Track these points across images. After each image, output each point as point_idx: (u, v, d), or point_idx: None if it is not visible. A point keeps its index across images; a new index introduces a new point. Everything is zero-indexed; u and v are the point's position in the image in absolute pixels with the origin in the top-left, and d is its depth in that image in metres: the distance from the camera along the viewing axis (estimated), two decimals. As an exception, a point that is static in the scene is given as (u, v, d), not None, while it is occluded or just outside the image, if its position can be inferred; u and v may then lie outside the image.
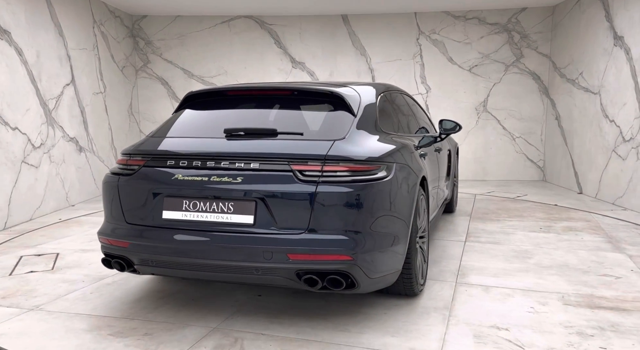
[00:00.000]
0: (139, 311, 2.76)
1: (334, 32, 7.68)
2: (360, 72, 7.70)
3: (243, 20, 7.70)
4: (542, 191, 6.60)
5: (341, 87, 2.86)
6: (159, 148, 2.62)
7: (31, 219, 5.10)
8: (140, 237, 2.47)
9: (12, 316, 2.75)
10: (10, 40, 4.81)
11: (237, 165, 2.37)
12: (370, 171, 2.35)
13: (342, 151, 2.35)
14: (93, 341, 2.41)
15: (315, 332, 2.45)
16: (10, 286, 3.23)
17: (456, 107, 7.62)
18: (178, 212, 2.42)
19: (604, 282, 3.12)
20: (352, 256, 2.25)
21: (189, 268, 2.45)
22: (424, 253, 3.02)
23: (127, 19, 7.50)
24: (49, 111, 5.44)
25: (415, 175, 2.73)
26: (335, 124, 2.58)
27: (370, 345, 2.32)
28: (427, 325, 2.53)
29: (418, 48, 7.60)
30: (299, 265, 2.25)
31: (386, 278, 2.50)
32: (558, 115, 7.11)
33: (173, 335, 2.45)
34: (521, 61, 7.43)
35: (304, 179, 2.27)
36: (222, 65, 7.79)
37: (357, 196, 2.27)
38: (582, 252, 3.73)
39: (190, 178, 2.41)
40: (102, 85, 6.68)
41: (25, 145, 5.02)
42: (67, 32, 5.83)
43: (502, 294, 2.93)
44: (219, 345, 2.33)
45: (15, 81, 4.88)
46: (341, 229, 2.26)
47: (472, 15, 7.44)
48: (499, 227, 4.56)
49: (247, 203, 2.32)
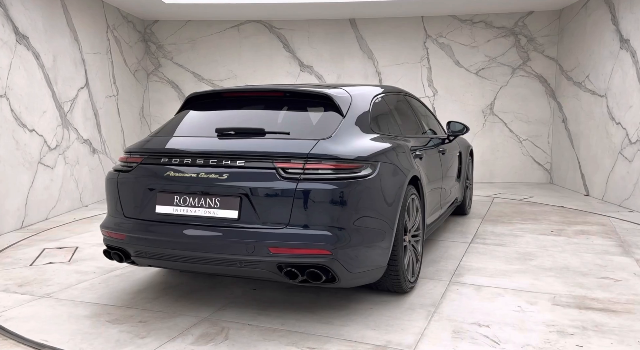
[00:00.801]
0: (139, 301, 2.93)
1: (342, 35, 7.78)
2: (368, 75, 7.79)
3: (252, 24, 7.83)
4: (548, 193, 6.63)
5: (334, 88, 2.95)
6: (155, 146, 2.78)
7: (47, 219, 5.24)
8: (136, 230, 2.62)
9: (25, 302, 2.97)
10: (28, 45, 4.96)
11: (224, 162, 2.49)
12: (352, 169, 2.44)
13: (325, 150, 2.45)
14: (91, 326, 2.59)
15: (299, 324, 2.55)
16: (29, 275, 3.46)
17: (463, 110, 7.68)
18: (170, 207, 2.55)
19: (601, 284, 3.10)
20: (330, 251, 2.33)
21: (179, 260, 2.58)
22: (417, 252, 3.06)
23: (139, 23, 7.66)
24: (64, 114, 5.59)
25: (403, 175, 2.77)
26: (322, 123, 2.69)
27: (349, 337, 2.40)
28: (409, 320, 2.58)
29: (425, 51, 7.68)
30: (280, 258, 2.35)
31: (370, 273, 2.57)
32: (565, 118, 7.15)
33: (165, 323, 2.60)
34: (528, 64, 7.48)
35: (286, 176, 2.38)
36: (231, 69, 7.92)
37: (338, 193, 2.36)
38: (587, 255, 3.71)
39: (180, 174, 2.55)
40: (115, 89, 6.83)
41: (42, 147, 5.16)
42: (82, 37, 5.99)
43: (492, 294, 2.95)
44: (205, 334, 2.45)
45: (32, 84, 5.03)
46: (321, 225, 2.35)
47: (478, 19, 7.51)
48: (509, 230, 4.54)
49: (232, 199, 2.44)
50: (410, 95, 4.11)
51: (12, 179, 4.70)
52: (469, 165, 5.24)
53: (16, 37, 4.77)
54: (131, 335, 2.47)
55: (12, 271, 3.56)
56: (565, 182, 7.12)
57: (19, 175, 4.81)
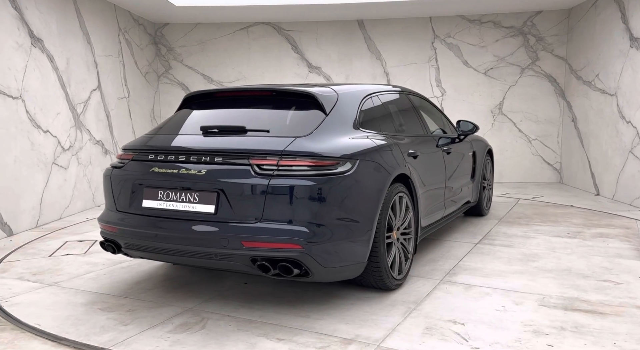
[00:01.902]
0: (135, 291, 3.07)
1: (350, 36, 7.82)
2: (376, 75, 7.82)
3: (261, 26, 7.90)
4: (558, 193, 6.61)
5: (323, 87, 3.02)
6: (144, 143, 2.93)
7: (60, 218, 5.33)
8: (125, 223, 2.77)
9: (32, 289, 3.18)
10: (43, 48, 5.07)
11: (203, 159, 2.60)
12: (327, 166, 2.49)
13: (300, 147, 2.52)
14: (83, 313, 2.76)
15: (277, 316, 2.61)
16: (44, 265, 3.69)
17: (472, 110, 7.67)
18: (155, 201, 2.69)
19: (599, 287, 3.02)
20: (301, 245, 2.39)
21: (163, 253, 2.72)
22: (407, 250, 3.08)
23: (150, 26, 7.76)
24: (77, 115, 5.69)
25: (386, 173, 2.80)
26: (303, 121, 2.76)
27: (320, 330, 2.45)
28: (386, 316, 2.59)
29: (433, 52, 7.69)
30: (253, 252, 2.43)
31: (348, 269, 2.61)
32: (574, 117, 7.11)
33: (151, 312, 2.73)
34: (537, 64, 7.46)
35: (261, 172, 2.46)
36: (240, 71, 8.00)
37: (310, 189, 2.42)
38: (596, 258, 3.60)
39: (164, 170, 2.68)
40: (127, 91, 6.93)
41: (56, 148, 5.26)
42: (94, 40, 6.10)
43: (480, 293, 2.91)
44: (184, 323, 2.57)
45: (47, 87, 5.13)
46: (292, 220, 2.41)
47: (487, 19, 7.51)
48: (523, 231, 4.44)
49: (210, 194, 2.54)
50: (415, 94, 4.11)
51: (27, 179, 4.80)
52: (487, 165, 5.11)
53: (31, 40, 4.88)
54: (116, 322, 2.61)
55: (32, 261, 3.80)
56: (575, 182, 7.08)
57: (34, 175, 4.91)
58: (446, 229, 4.51)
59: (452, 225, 4.70)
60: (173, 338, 2.40)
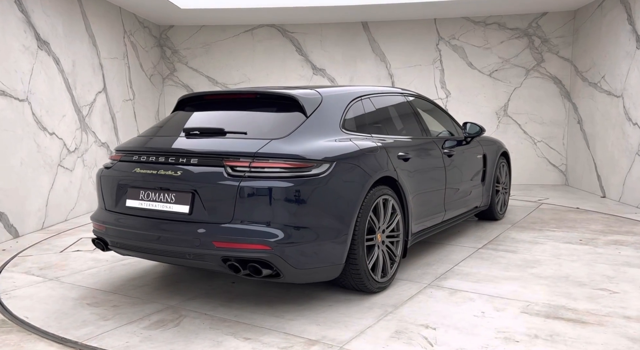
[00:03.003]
0: (126, 288, 3.14)
1: (354, 38, 7.82)
2: (380, 77, 7.82)
3: (265, 28, 7.92)
4: (564, 195, 6.57)
5: (307, 89, 3.04)
6: (131, 144, 3.01)
7: (66, 220, 5.35)
8: (111, 221, 2.86)
9: (34, 283, 3.27)
10: (49, 50, 5.10)
11: (180, 160, 2.67)
12: (300, 168, 2.51)
13: (274, 149, 2.55)
14: (71, 307, 2.83)
15: (251, 316, 2.64)
16: (53, 260, 3.81)
17: (476, 112, 7.65)
18: (136, 201, 2.77)
19: (592, 295, 2.90)
20: (270, 246, 2.41)
21: (143, 251, 2.79)
22: (393, 252, 3.05)
23: (155, 29, 7.79)
24: (82, 117, 5.72)
25: (366, 175, 2.78)
26: (282, 124, 2.79)
27: (289, 330, 2.46)
28: (359, 319, 2.58)
29: (438, 53, 7.68)
30: (223, 252, 2.47)
31: (323, 270, 2.62)
32: (580, 119, 7.08)
33: (134, 308, 2.79)
34: (542, 65, 7.43)
35: (233, 174, 2.50)
36: (245, 73, 8.01)
37: (281, 191, 2.44)
38: (601, 266, 3.45)
39: (145, 171, 2.76)
40: (132, 93, 6.96)
41: (61, 150, 5.29)
42: (100, 42, 6.13)
43: (464, 298, 2.85)
44: (161, 320, 2.62)
45: (53, 89, 5.15)
46: (262, 221, 2.45)
47: (492, 21, 7.49)
48: (533, 237, 4.29)
49: (185, 194, 2.60)
50: (419, 97, 4.07)
51: (33, 181, 4.83)
52: (502, 169, 4.99)
53: (37, 43, 4.91)
54: (98, 317, 2.69)
55: (43, 256, 3.93)
56: (581, 184, 7.04)
57: (40, 178, 4.93)
58: (451, 233, 4.47)
59: (460, 228, 4.64)
60: (145, 334, 2.45)
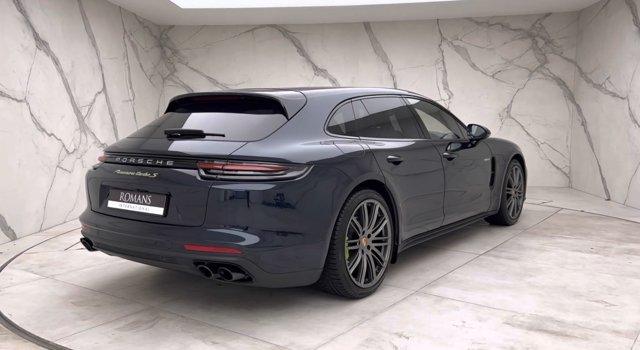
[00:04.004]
0: (114, 287, 3.15)
1: (356, 39, 7.76)
2: (382, 78, 7.75)
3: (266, 29, 7.85)
4: (568, 197, 6.51)
5: (292, 91, 3.01)
6: (116, 146, 3.03)
7: (64, 222, 5.29)
8: (95, 222, 2.88)
9: (29, 281, 3.30)
10: (48, 50, 5.03)
11: (157, 162, 2.67)
12: (274, 171, 2.48)
13: (248, 152, 2.52)
14: (56, 306, 2.85)
15: (227, 320, 2.60)
16: (55, 258, 3.84)
17: (479, 113, 7.59)
18: (117, 202, 2.79)
19: (585, 307, 2.76)
20: (241, 250, 2.39)
21: (122, 252, 2.80)
22: (381, 258, 3.01)
23: (155, 29, 7.73)
24: (81, 118, 5.65)
25: (347, 179, 2.73)
26: (261, 126, 2.76)
27: (259, 335, 2.43)
28: (333, 325, 2.53)
29: (440, 54, 7.61)
30: (194, 255, 2.45)
31: (299, 275, 2.58)
32: (584, 121, 7.01)
33: (115, 308, 2.80)
34: (545, 67, 7.36)
35: (206, 176, 2.48)
36: (245, 73, 7.95)
37: (253, 194, 2.42)
38: (604, 276, 3.28)
39: (124, 173, 2.78)
40: (132, 93, 6.89)
41: (60, 151, 5.22)
42: (100, 42, 6.06)
43: (449, 307, 2.77)
44: (137, 321, 2.62)
45: (52, 89, 5.09)
46: (233, 225, 2.42)
47: (495, 21, 7.43)
48: (541, 244, 4.11)
49: (160, 196, 2.60)
50: (419, 98, 3.99)
51: (32, 183, 4.76)
52: (516, 172, 4.84)
53: (36, 43, 4.84)
54: (78, 316, 2.69)
55: (48, 253, 3.97)
56: (585, 186, 6.98)
57: (38, 179, 4.86)
58: (456, 238, 4.38)
59: (466, 233, 4.52)
60: (117, 335, 2.46)
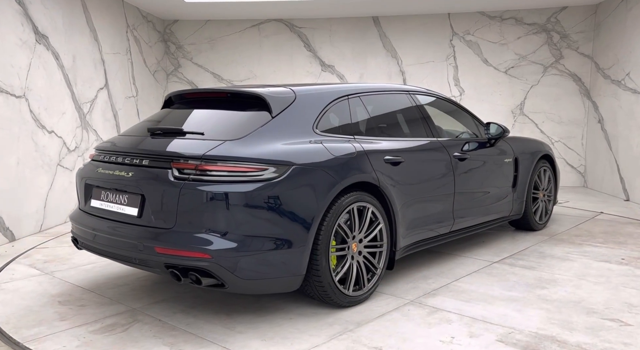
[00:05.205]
0: (106, 287, 3.11)
1: (365, 33, 7.55)
2: (391, 74, 7.55)
3: (273, 23, 7.66)
4: (585, 198, 6.29)
5: (282, 88, 2.89)
6: (105, 144, 2.98)
7: (65, 222, 5.14)
8: (78, 221, 2.84)
9: (28, 277, 3.30)
10: (47, 44, 4.87)
11: (134, 161, 2.60)
12: (250, 172, 2.38)
13: (224, 151, 2.40)
14: (41, 304, 2.83)
15: (203, 326, 2.53)
16: (60, 254, 3.82)
17: (491, 110, 7.37)
18: (98, 201, 2.75)
19: (596, 326, 2.50)
20: (211, 255, 2.28)
21: (101, 253, 2.74)
22: (374, 264, 2.86)
23: (159, 23, 7.56)
24: (83, 115, 5.49)
25: (333, 180, 2.58)
26: (244, 124, 2.63)
27: (230, 345, 2.34)
28: (311, 336, 2.41)
29: (451, 49, 7.40)
30: (165, 258, 2.38)
31: (277, 282, 2.46)
32: (601, 118, 6.78)
33: (98, 309, 2.77)
34: (561, 62, 7.13)
35: (179, 176, 2.38)
36: (251, 69, 7.77)
37: (225, 196, 2.30)
38: (628, 291, 2.99)
39: (105, 171, 2.73)
40: (135, 90, 6.73)
41: (61, 149, 5.07)
42: (102, 37, 5.90)
43: (441, 320, 2.58)
44: (113, 324, 2.58)
45: (52, 85, 4.93)
46: (204, 228, 2.32)
47: (508, 16, 7.20)
48: (565, 252, 3.79)
49: (135, 197, 2.52)
50: (430, 95, 3.76)
51: (31, 182, 4.61)
52: (544, 173, 4.51)
53: (35, 37, 4.68)
54: (58, 316, 2.66)
55: (57, 249, 3.96)
56: (602, 186, 6.75)
57: (38, 178, 4.71)
58: (472, 243, 4.14)
59: (485, 238, 4.25)
60: (88, 338, 2.41)
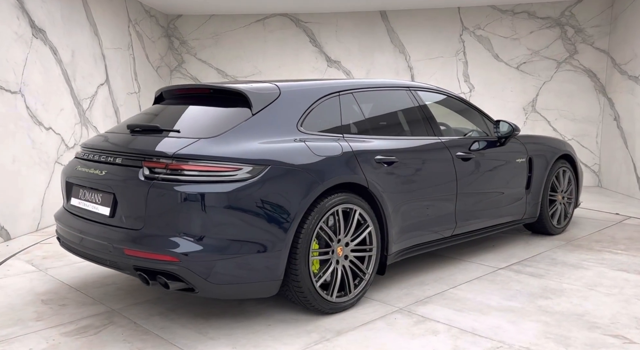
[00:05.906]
0: (92, 286, 3.07)
1: (372, 28, 7.36)
2: (399, 70, 7.36)
3: (278, 18, 7.50)
4: (599, 198, 6.06)
5: (265, 83, 2.79)
6: (88, 141, 2.91)
7: (64, 221, 5.04)
8: (59, 219, 2.80)
9: (22, 273, 3.29)
10: (45, 39, 4.75)
11: (108, 159, 2.55)
12: (223, 172, 2.29)
13: (197, 150, 2.31)
14: (24, 302, 2.82)
15: (176, 330, 2.47)
16: (60, 251, 3.73)
17: (502, 107, 7.15)
18: (77, 200, 2.69)
19: (597, 343, 2.32)
20: (178, 258, 2.21)
21: (77, 253, 2.67)
22: (362, 269, 2.74)
23: (162, 18, 7.43)
24: (82, 111, 5.38)
25: (314, 181, 2.47)
26: (222, 121, 2.55)
27: None
28: (284, 344, 2.32)
29: (461, 44, 7.18)
30: (133, 261, 2.31)
31: (252, 287, 2.38)
32: (617, 116, 6.54)
33: (77, 309, 2.72)
34: (575, 58, 6.89)
35: (149, 175, 2.30)
36: (256, 65, 7.62)
37: (195, 197, 2.23)
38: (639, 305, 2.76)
39: (82, 169, 2.69)
40: (137, 86, 6.61)
41: (59, 146, 4.96)
42: (102, 31, 5.77)
43: (427, 330, 2.43)
44: (87, 325, 2.53)
45: (49, 81, 4.82)
46: (173, 230, 2.24)
47: (520, 9, 6.97)
48: (580, 259, 3.56)
49: (107, 196, 2.46)
50: (435, 91, 3.58)
51: (28, 180, 4.50)
52: (564, 174, 4.24)
53: (32, 31, 4.56)
54: (36, 316, 2.63)
55: (57, 245, 3.80)
56: (617, 186, 6.51)
57: (35, 176, 4.60)
58: (481, 246, 3.93)
59: (496, 242, 4.04)
60: (56, 341, 2.36)
